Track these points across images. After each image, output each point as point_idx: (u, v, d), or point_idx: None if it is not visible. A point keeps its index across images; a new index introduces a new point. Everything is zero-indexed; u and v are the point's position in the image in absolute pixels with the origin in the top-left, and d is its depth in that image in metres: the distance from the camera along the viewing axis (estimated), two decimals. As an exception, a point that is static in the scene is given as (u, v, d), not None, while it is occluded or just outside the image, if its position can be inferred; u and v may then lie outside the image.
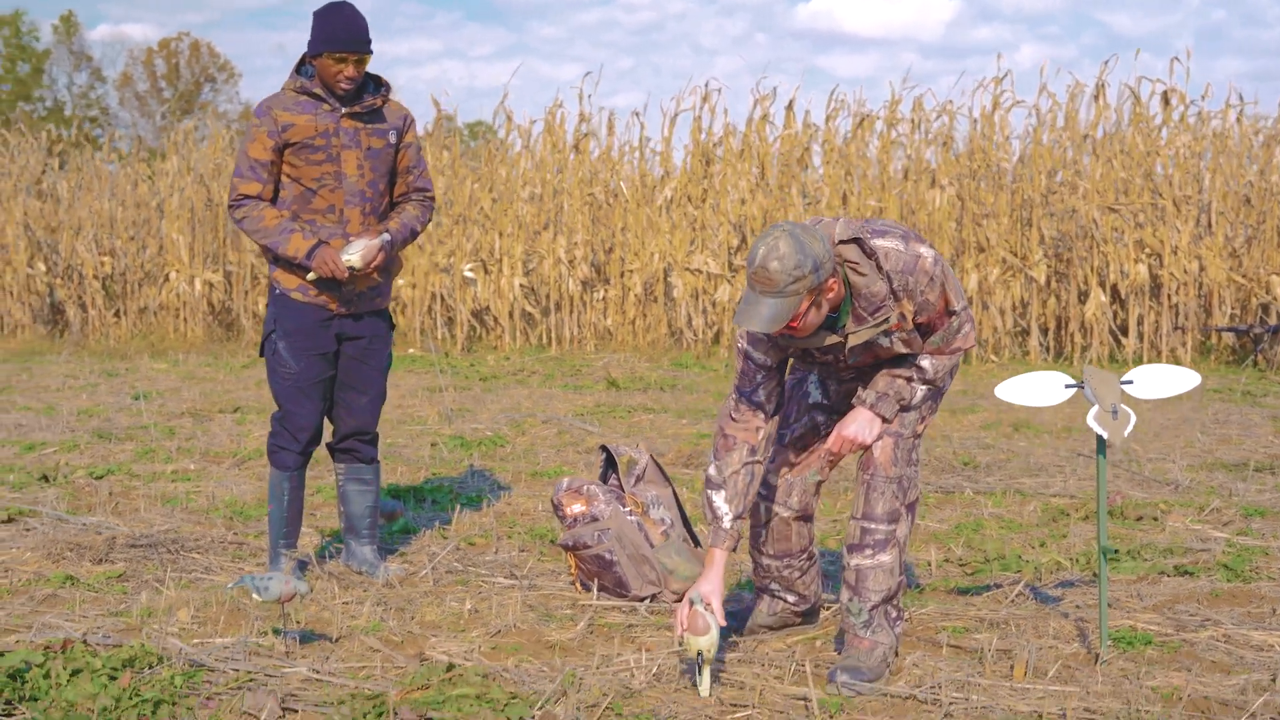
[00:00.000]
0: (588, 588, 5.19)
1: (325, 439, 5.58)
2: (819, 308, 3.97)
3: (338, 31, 5.11)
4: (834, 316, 4.11)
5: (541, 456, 8.20)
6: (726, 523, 4.22)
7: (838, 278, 3.99)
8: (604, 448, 5.44)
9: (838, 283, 3.99)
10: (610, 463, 5.40)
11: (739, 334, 4.23)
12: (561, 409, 10.20)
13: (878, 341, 4.18)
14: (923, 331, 4.22)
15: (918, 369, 4.27)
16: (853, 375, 4.41)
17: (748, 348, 4.21)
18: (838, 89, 24.65)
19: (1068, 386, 4.41)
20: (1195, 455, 8.13)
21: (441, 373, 12.63)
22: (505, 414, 9.85)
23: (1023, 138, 14.83)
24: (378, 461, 5.59)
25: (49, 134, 18.72)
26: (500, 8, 75.99)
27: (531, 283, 15.59)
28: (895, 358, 4.28)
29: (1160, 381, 4.42)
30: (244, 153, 5.23)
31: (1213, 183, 13.96)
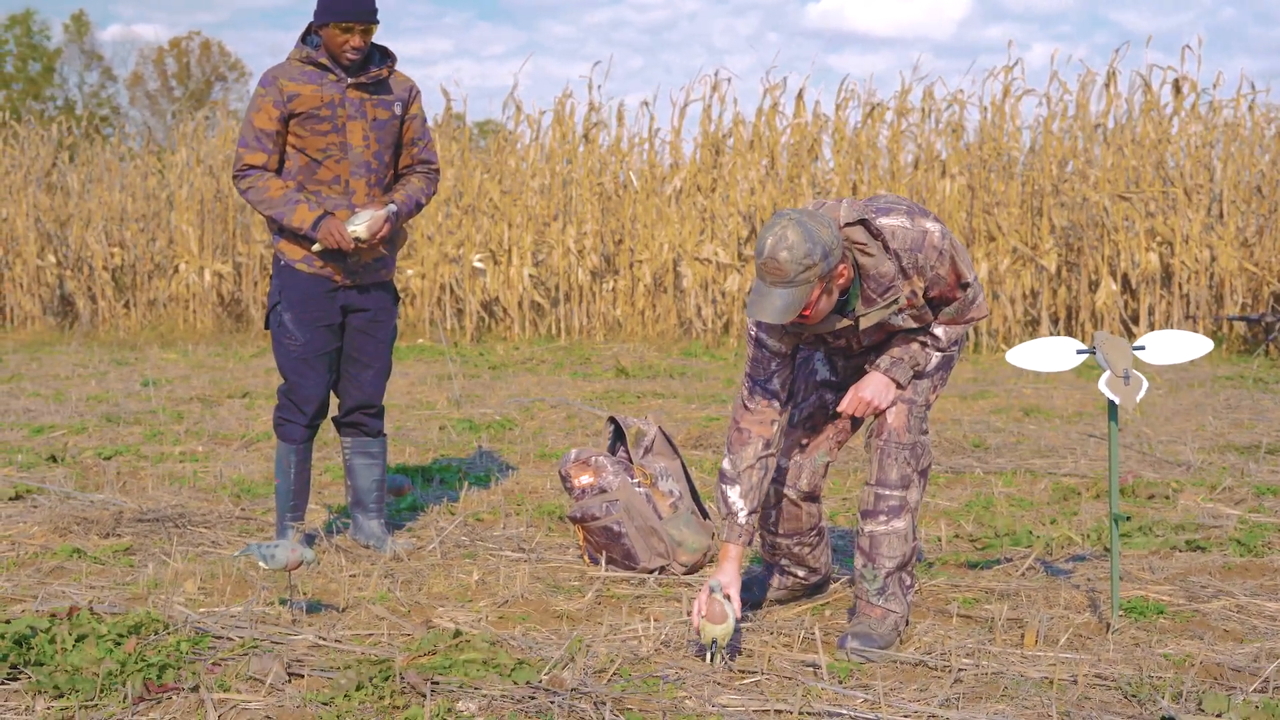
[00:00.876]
0: (596, 561, 5.16)
1: (331, 413, 5.55)
2: (830, 294, 3.93)
3: (344, 1, 5.09)
4: (844, 299, 4.08)
5: (550, 438, 8.18)
6: (741, 518, 4.18)
7: (847, 262, 3.95)
8: (612, 419, 5.41)
9: (847, 267, 3.95)
10: (619, 434, 5.37)
11: (750, 323, 4.19)
12: (570, 395, 10.18)
13: (889, 320, 4.16)
14: (934, 305, 4.19)
15: (931, 336, 4.24)
16: (862, 352, 4.38)
17: (760, 335, 4.16)
18: (848, 79, 24.62)
19: (1079, 352, 4.38)
20: (1207, 438, 8.09)
21: (451, 361, 12.61)
22: (514, 399, 9.83)
23: (1033, 127, 14.79)
24: (384, 435, 5.56)
25: (59, 126, 18.72)
26: (511, 7, 76.03)
27: (541, 273, 15.58)
28: (908, 330, 4.25)
29: (1172, 346, 4.38)
30: (249, 122, 5.20)
31: (1224, 172, 13.90)
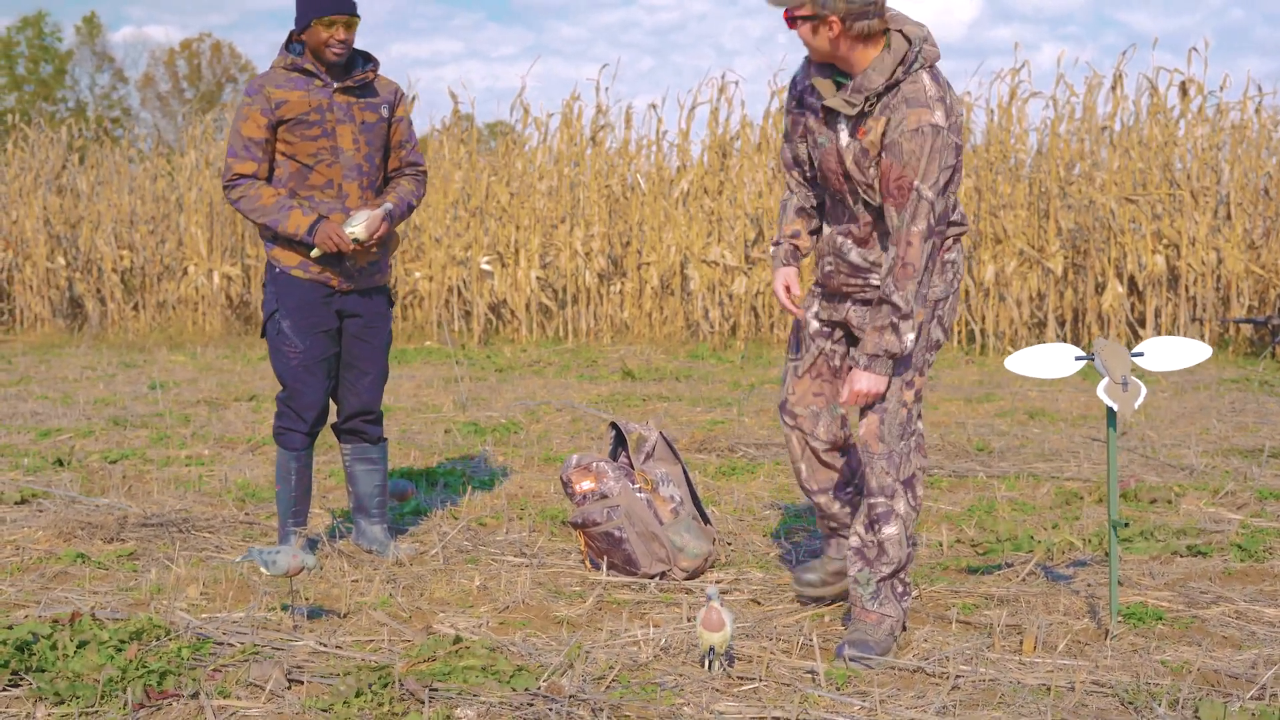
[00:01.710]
0: (597, 566, 5.18)
1: (330, 419, 5.57)
2: (816, 33, 4.03)
3: None
4: (841, 81, 4.13)
5: (555, 442, 8.20)
6: (778, 239, 4.49)
7: (842, 26, 4.00)
8: (614, 424, 5.43)
9: (840, 29, 4.00)
10: (620, 440, 5.39)
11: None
12: (576, 398, 10.20)
13: (849, 163, 4.14)
14: (883, 193, 4.12)
15: (891, 307, 4.10)
16: (849, 274, 4.34)
17: (783, 146, 4.44)
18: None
19: (1078, 359, 4.39)
20: (1211, 441, 8.09)
21: (458, 364, 12.64)
22: (520, 402, 9.85)
23: (1040, 129, 14.78)
24: (384, 440, 5.57)
25: (69, 129, 18.77)
26: (520, 8, 76.06)
27: (548, 275, 15.60)
28: (872, 305, 4.19)
29: (1171, 353, 4.39)
30: (237, 131, 5.20)
31: (1231, 174, 13.89)
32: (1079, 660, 4.12)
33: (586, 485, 5.17)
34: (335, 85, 5.20)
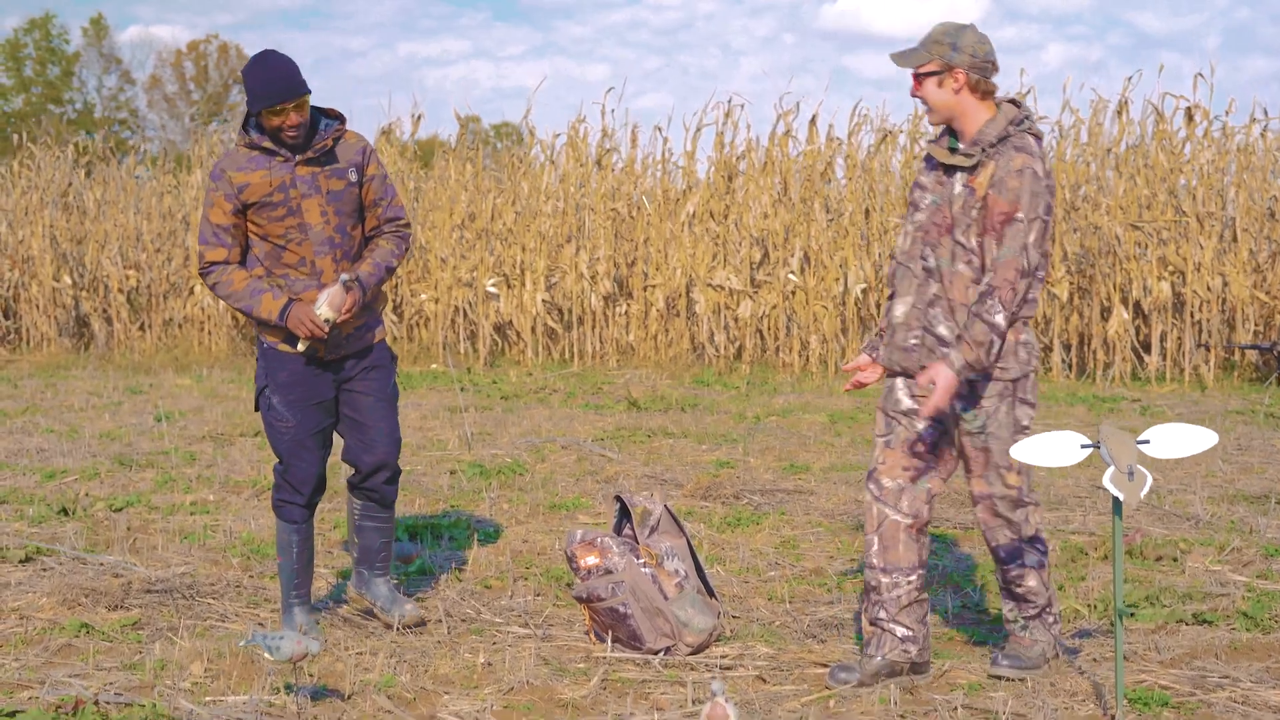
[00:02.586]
0: (602, 639, 5.18)
1: (345, 473, 5.54)
2: (941, 86, 4.53)
3: (268, 86, 5.00)
4: (952, 139, 4.63)
5: (560, 486, 8.20)
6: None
7: (966, 78, 4.50)
8: (619, 498, 5.43)
9: (964, 80, 4.50)
10: (624, 513, 5.39)
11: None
12: (581, 431, 10.20)
13: (957, 208, 4.54)
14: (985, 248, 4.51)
15: (988, 326, 4.43)
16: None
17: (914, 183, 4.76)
18: (860, 103, 24.62)
19: (1084, 447, 4.38)
20: (1216, 486, 8.08)
21: (463, 390, 12.63)
22: (525, 438, 9.85)
23: (1045, 153, 14.75)
24: (394, 503, 5.56)
25: (76, 146, 18.75)
26: (527, 8, 76.04)
27: (554, 297, 15.59)
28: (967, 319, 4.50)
29: (1177, 441, 4.39)
30: (205, 219, 5.18)
31: (1237, 198, 13.86)
32: (1084, 752, 4.11)
33: (591, 560, 5.17)
34: (297, 159, 5.13)
